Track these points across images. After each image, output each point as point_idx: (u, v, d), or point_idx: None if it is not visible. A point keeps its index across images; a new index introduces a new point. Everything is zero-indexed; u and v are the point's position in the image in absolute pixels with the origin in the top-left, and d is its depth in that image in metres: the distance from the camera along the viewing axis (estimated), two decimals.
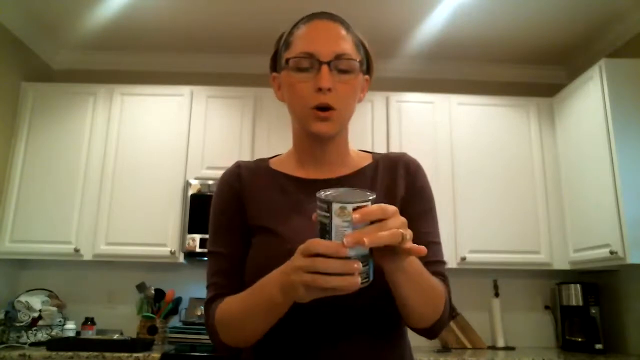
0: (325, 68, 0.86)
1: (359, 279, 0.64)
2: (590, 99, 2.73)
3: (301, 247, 0.67)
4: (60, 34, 3.20)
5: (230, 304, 0.84)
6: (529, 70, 3.53)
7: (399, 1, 2.81)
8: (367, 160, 0.99)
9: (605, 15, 2.89)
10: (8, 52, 2.98)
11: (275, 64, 0.98)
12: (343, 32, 0.91)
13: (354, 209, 0.64)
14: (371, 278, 0.67)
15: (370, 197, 0.66)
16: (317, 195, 0.67)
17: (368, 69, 0.98)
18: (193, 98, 3.07)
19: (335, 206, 0.64)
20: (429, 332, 0.87)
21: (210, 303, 0.89)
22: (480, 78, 3.53)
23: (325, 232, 0.65)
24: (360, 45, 0.94)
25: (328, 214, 0.65)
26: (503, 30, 3.07)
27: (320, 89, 0.86)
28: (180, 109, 3.04)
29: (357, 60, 0.90)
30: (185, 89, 3.08)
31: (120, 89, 3.07)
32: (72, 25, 3.10)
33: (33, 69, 3.21)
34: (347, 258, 0.63)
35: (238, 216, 0.93)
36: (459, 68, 3.51)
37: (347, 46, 0.90)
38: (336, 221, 0.64)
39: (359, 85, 0.93)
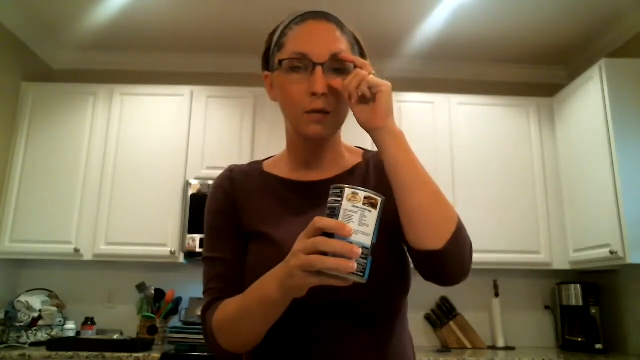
0: (319, 70, 0.83)
1: (354, 264, 0.63)
2: (590, 99, 2.73)
3: (306, 229, 0.67)
4: (60, 34, 3.20)
5: (226, 307, 0.82)
6: (529, 70, 3.53)
7: (399, 1, 2.81)
8: (358, 158, 0.99)
9: (605, 15, 2.88)
10: (8, 52, 2.98)
11: (268, 63, 0.95)
12: (338, 33, 0.88)
13: (366, 197, 0.66)
14: (366, 277, 0.67)
15: (382, 198, 0.68)
16: (332, 186, 0.69)
17: None
18: (193, 98, 3.07)
19: (348, 191, 0.67)
20: (440, 258, 0.76)
21: (207, 309, 0.87)
22: (480, 78, 3.53)
23: (333, 215, 0.67)
24: (355, 44, 0.92)
25: (339, 199, 0.67)
26: (503, 30, 3.07)
27: (314, 94, 0.83)
28: (180, 109, 3.04)
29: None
30: (185, 89, 3.08)
31: (120, 89, 3.07)
32: (72, 25, 3.10)
33: (33, 69, 3.21)
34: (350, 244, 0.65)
35: (233, 220, 0.92)
36: (459, 68, 3.51)
37: (342, 47, 0.87)
38: (346, 205, 0.66)
39: None
